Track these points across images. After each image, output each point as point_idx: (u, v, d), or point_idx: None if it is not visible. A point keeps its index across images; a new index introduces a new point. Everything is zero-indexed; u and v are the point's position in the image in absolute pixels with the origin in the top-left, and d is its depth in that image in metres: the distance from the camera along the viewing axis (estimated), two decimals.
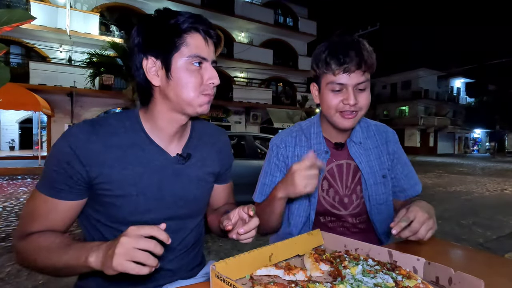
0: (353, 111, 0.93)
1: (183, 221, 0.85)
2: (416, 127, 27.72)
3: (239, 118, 17.46)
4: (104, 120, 0.76)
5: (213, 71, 0.75)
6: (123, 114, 0.80)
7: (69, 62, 13.40)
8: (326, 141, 1.07)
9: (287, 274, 0.63)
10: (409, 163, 1.11)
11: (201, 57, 0.73)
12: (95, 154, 0.71)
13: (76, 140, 0.70)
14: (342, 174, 1.06)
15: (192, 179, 0.84)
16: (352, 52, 0.88)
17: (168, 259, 0.82)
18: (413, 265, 0.67)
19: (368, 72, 0.93)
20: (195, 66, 0.73)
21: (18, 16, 0.77)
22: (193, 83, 0.73)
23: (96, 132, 0.73)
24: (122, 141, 0.75)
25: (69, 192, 0.71)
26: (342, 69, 0.89)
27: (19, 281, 2.44)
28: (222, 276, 0.53)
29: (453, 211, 5.33)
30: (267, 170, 1.10)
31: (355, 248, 0.78)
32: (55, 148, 0.71)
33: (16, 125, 15.76)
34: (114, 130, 0.75)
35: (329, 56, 0.90)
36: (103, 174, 0.72)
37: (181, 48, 0.72)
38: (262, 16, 18.09)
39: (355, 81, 0.90)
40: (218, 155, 0.93)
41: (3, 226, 3.89)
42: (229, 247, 3.34)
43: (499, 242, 3.74)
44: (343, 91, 0.92)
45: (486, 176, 10.96)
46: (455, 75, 31.09)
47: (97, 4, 14.24)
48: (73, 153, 0.69)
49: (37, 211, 0.71)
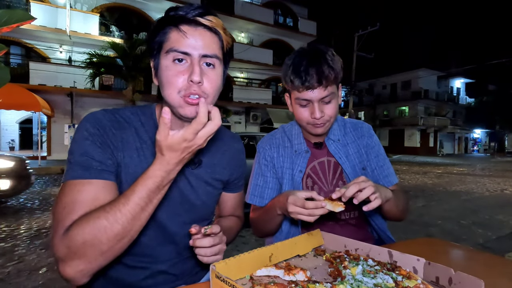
0: (320, 122, 0.99)
1: (189, 225, 0.80)
2: (416, 127, 27.72)
3: (239, 118, 17.47)
4: (122, 112, 0.75)
5: (192, 67, 0.65)
6: (139, 109, 0.78)
7: (69, 62, 13.41)
8: (306, 141, 1.13)
9: (287, 274, 0.63)
10: (384, 155, 1.14)
11: (179, 51, 0.65)
12: (119, 140, 0.69)
13: (102, 124, 0.68)
14: (325, 170, 1.11)
15: (201, 184, 0.82)
16: (312, 69, 0.93)
17: (172, 262, 0.80)
18: (413, 265, 0.67)
19: (331, 86, 0.96)
20: (175, 63, 0.65)
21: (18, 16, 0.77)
22: (172, 83, 0.65)
23: (117, 121, 0.71)
24: (139, 134, 0.73)
25: (104, 168, 0.65)
26: (304, 87, 0.94)
27: (19, 281, 2.43)
28: (222, 276, 0.53)
29: (453, 211, 5.33)
30: (258, 172, 1.15)
31: (355, 248, 0.78)
32: (80, 130, 0.67)
33: (16, 125, 15.76)
34: (131, 123, 0.74)
35: (292, 75, 0.96)
36: (124, 162, 0.69)
37: (163, 44, 0.67)
38: (262, 16, 18.10)
39: (318, 97, 0.95)
40: (229, 162, 0.91)
41: (3, 226, 3.89)
42: (229, 248, 3.33)
43: (499, 242, 3.74)
44: (309, 105, 0.98)
45: (486, 176, 10.96)
46: (455, 75, 31.10)
47: (97, 4, 14.25)
48: (101, 133, 0.67)
49: (76, 199, 0.60)
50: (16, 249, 3.13)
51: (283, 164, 1.12)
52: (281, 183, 1.12)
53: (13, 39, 12.64)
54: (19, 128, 16.00)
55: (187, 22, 0.66)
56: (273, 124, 16.99)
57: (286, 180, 1.10)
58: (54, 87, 12.35)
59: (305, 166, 1.09)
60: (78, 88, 12.65)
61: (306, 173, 1.10)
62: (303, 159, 1.10)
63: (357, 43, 17.67)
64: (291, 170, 1.11)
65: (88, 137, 0.66)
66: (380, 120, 30.26)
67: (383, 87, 31.67)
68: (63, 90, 12.62)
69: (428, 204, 5.96)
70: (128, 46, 11.55)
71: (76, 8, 13.52)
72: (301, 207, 0.81)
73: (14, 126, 15.71)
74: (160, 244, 0.78)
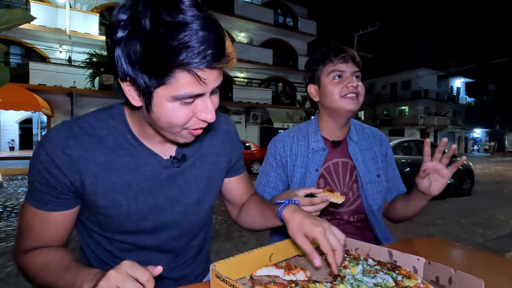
0: (355, 93, 1.01)
1: (184, 226, 0.78)
2: (416, 127, 27.72)
3: (239, 118, 17.44)
4: (84, 121, 0.66)
5: (207, 104, 0.58)
6: (105, 112, 0.68)
7: (69, 62, 13.40)
8: (324, 139, 1.11)
9: (287, 274, 0.63)
10: (396, 168, 1.19)
11: (191, 96, 0.55)
12: (75, 161, 0.62)
13: (53, 147, 0.61)
14: (339, 171, 1.10)
15: (191, 180, 0.75)
16: (345, 47, 1.05)
17: (169, 266, 0.78)
18: (413, 265, 0.67)
19: (359, 66, 1.05)
20: (183, 104, 0.56)
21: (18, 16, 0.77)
22: (179, 120, 0.57)
23: (74, 135, 0.63)
24: (106, 145, 0.65)
25: (57, 203, 0.65)
26: (340, 59, 1.02)
27: (19, 281, 2.43)
28: (222, 276, 0.53)
29: (453, 211, 5.33)
30: (263, 170, 1.17)
31: (355, 248, 0.78)
32: (34, 157, 0.63)
33: (16, 125, 15.75)
34: (95, 132, 0.65)
35: (328, 51, 1.06)
36: (87, 184, 0.64)
37: (164, 85, 0.53)
38: (262, 16, 18.07)
39: (352, 69, 1.03)
40: (221, 147, 0.82)
41: (3, 226, 3.89)
42: (229, 247, 3.34)
43: (499, 241, 3.74)
44: (343, 78, 1.03)
45: (486, 176, 10.95)
46: (455, 75, 31.10)
47: (96, 4, 14.23)
48: (51, 161, 0.61)
49: (30, 225, 0.66)
50: None
51: (295, 162, 1.10)
52: (291, 181, 1.10)
53: (13, 39, 12.63)
54: (19, 128, 15.98)
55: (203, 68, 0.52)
56: (273, 124, 16.97)
57: (296, 178, 1.09)
58: (54, 87, 12.34)
59: (321, 164, 1.08)
60: (78, 88, 12.64)
61: (320, 172, 1.09)
62: (320, 157, 1.09)
63: (357, 42, 17.64)
64: (303, 169, 1.09)
65: (40, 169, 0.62)
66: (380, 120, 30.25)
67: (383, 86, 31.67)
68: (63, 90, 12.61)
69: (428, 204, 5.94)
70: None
71: (76, 8, 13.51)
72: (308, 205, 0.80)
73: (14, 126, 15.70)
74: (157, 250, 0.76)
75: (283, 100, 19.38)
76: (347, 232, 1.06)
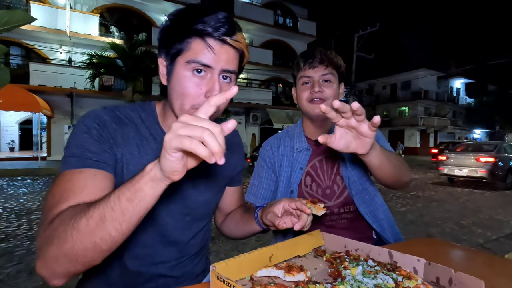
0: (320, 98, 1.04)
1: (188, 222, 0.82)
2: (416, 128, 27.71)
3: (239, 119, 17.45)
4: (122, 109, 0.75)
5: (213, 83, 0.64)
6: (139, 106, 0.78)
7: (69, 63, 13.41)
8: (307, 139, 1.17)
9: (288, 275, 0.63)
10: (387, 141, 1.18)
11: (201, 64, 0.63)
12: (119, 136, 0.69)
13: (102, 121, 0.68)
14: (323, 167, 1.14)
15: (201, 181, 0.82)
16: (316, 52, 1.07)
17: (171, 264, 0.80)
18: (414, 266, 0.66)
19: (331, 68, 1.06)
20: (194, 73, 0.64)
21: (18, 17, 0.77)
22: (188, 96, 0.64)
23: (117, 118, 0.71)
24: (139, 131, 0.73)
25: (104, 163, 0.64)
26: (308, 65, 1.06)
27: (19, 282, 2.43)
28: (222, 277, 0.53)
29: (453, 211, 5.33)
30: (255, 172, 1.24)
31: (355, 248, 0.78)
32: (80, 124, 0.67)
33: (16, 126, 15.75)
34: (132, 119, 0.74)
35: (300, 59, 1.10)
36: (125, 159, 0.69)
37: (183, 52, 0.65)
38: (262, 17, 18.11)
39: (319, 74, 1.05)
40: (230, 157, 0.89)
41: (3, 227, 3.89)
42: (229, 248, 3.34)
43: (499, 242, 3.74)
44: (310, 83, 1.07)
45: None
46: (455, 76, 31.11)
47: (97, 5, 14.26)
48: (100, 128, 0.67)
49: (66, 189, 0.59)
50: (16, 250, 3.13)
51: (282, 162, 1.17)
52: (279, 180, 1.16)
53: (13, 39, 12.65)
54: (19, 129, 15.98)
55: (215, 38, 0.64)
56: (273, 125, 16.98)
57: (283, 177, 1.15)
58: (54, 88, 12.36)
59: (306, 163, 1.13)
60: (78, 89, 12.65)
61: (306, 171, 1.14)
62: (305, 156, 1.14)
63: (357, 43, 17.67)
64: (289, 168, 1.14)
65: (86, 131, 0.65)
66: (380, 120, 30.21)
67: (383, 87, 31.67)
68: (63, 91, 12.62)
69: (429, 205, 5.96)
70: (128, 47, 11.56)
71: (76, 9, 13.53)
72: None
73: (14, 127, 15.70)
74: (160, 243, 0.78)
75: (283, 101, 19.39)
76: (340, 228, 1.11)
